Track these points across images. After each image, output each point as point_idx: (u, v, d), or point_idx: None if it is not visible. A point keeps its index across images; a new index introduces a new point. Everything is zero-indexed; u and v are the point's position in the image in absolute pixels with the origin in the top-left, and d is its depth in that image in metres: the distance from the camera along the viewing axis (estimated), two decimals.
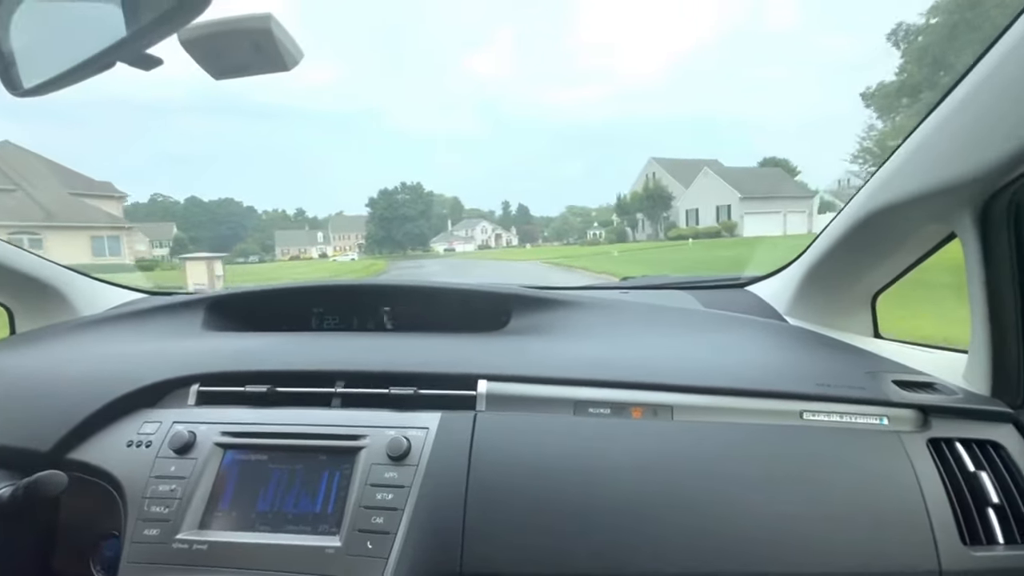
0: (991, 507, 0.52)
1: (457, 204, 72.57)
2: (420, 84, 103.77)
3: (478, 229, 62.38)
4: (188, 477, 0.61)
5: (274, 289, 0.97)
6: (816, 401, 0.62)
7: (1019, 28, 0.46)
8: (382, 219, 45.80)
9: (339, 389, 0.69)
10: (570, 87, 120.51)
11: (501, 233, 62.76)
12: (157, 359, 0.75)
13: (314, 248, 53.29)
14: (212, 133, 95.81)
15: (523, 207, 70.82)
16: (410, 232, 45.29)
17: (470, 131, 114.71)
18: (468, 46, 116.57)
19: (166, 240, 49.06)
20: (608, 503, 0.54)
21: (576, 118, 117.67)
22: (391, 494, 0.58)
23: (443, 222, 60.20)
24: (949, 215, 0.61)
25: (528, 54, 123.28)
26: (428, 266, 15.76)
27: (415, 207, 46.89)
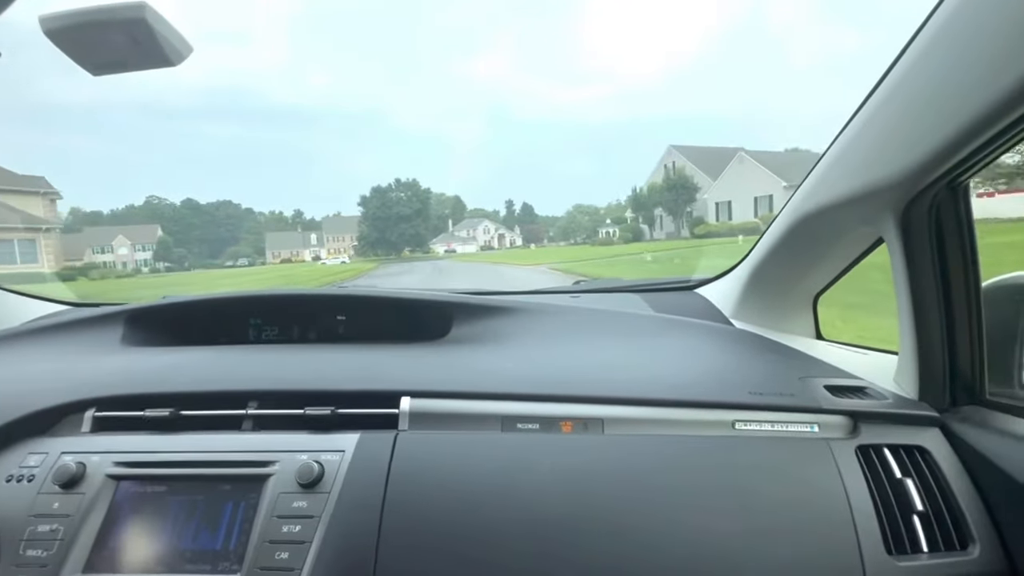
0: (916, 515, 0.54)
1: (459, 203, 72.04)
2: (424, 86, 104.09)
3: (480, 229, 62.05)
4: (73, 515, 0.57)
5: (204, 300, 0.93)
6: (748, 410, 0.63)
7: (929, 33, 0.48)
8: (375, 219, 44.79)
9: (250, 411, 0.67)
10: (575, 86, 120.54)
11: (504, 233, 62.67)
12: (54, 382, 0.71)
13: (307, 251, 53.49)
14: (217, 136, 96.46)
15: (527, 206, 70.03)
16: (406, 233, 44.23)
17: (474, 131, 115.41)
18: (472, 47, 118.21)
19: (150, 244, 47.72)
20: (532, 525, 0.54)
21: (581, 117, 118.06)
22: (298, 526, 0.56)
23: (444, 222, 60.17)
24: (875, 219, 0.62)
25: (532, 55, 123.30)
26: (416, 270, 15.59)
27: (411, 205, 45.80)
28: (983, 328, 0.59)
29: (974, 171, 0.53)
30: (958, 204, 0.57)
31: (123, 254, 51.23)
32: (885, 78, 0.55)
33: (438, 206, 65.36)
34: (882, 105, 0.56)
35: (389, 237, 45.84)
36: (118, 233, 55.17)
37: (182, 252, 49.04)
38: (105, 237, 50.48)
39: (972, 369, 0.61)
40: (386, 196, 47.58)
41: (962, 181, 0.55)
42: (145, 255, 48.31)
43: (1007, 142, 0.48)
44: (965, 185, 0.56)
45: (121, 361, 0.78)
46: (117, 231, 54.37)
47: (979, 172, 0.53)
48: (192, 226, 50.57)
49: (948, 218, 0.58)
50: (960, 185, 0.56)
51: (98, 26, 0.44)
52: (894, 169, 0.56)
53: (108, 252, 47.43)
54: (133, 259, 49.39)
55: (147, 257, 48.72)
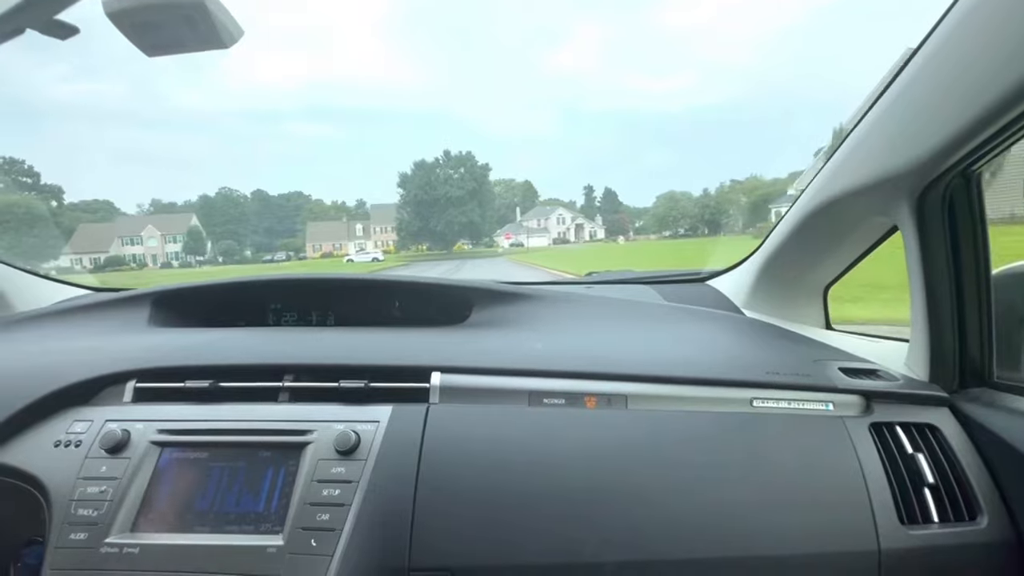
0: (927, 487, 0.60)
1: (530, 190, 65.90)
2: (500, 83, 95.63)
3: (554, 218, 53.90)
4: (120, 478, 0.63)
5: (226, 284, 1.01)
6: (765, 388, 0.70)
7: (947, 26, 0.52)
8: (418, 203, 33.08)
9: (287, 383, 0.73)
10: (657, 77, 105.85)
11: (583, 223, 54.37)
12: (92, 355, 0.78)
13: (352, 243, 48.41)
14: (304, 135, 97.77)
15: (610, 192, 62.79)
16: (456, 221, 31.59)
17: (549, 122, 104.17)
18: (549, 42, 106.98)
19: (183, 235, 44.87)
20: (558, 493, 0.60)
21: (665, 107, 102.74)
22: (338, 489, 0.61)
23: (511, 212, 53.44)
24: (889, 208, 0.69)
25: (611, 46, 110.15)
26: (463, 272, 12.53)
27: (463, 185, 33.15)
28: (992, 314, 0.65)
29: (987, 159, 0.58)
30: (971, 192, 0.62)
31: (152, 246, 47.11)
32: (901, 70, 0.59)
33: (506, 193, 59.36)
34: (898, 96, 0.61)
35: (434, 226, 33.39)
36: (148, 223, 45.55)
37: (230, 244, 46.80)
38: (136, 227, 48.15)
39: (981, 353, 0.67)
40: (432, 174, 35.01)
41: (975, 169, 0.60)
42: (176, 247, 45.09)
43: (1019, 131, 0.52)
44: (978, 173, 0.61)
45: (154, 338, 0.85)
46: (147, 220, 45.71)
47: (992, 160, 0.58)
48: (251, 216, 51.99)
49: (961, 205, 0.63)
50: (973, 173, 0.61)
51: (158, 8, 0.46)
52: (909, 157, 0.60)
53: (138, 243, 44.96)
54: (163, 251, 45.92)
55: (176, 249, 45.56)
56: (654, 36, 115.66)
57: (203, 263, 40.00)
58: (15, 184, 54.67)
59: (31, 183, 53.83)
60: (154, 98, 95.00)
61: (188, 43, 0.50)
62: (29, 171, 53.22)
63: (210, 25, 0.47)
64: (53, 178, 74.57)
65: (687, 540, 0.58)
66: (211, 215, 49.19)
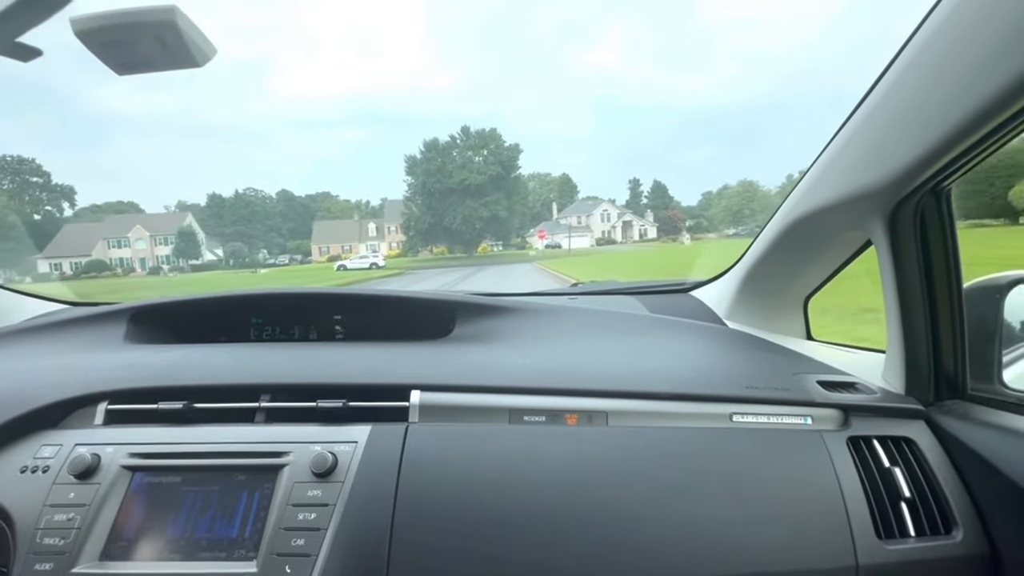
0: (904, 501, 0.63)
1: (567, 184, 58.34)
2: (537, 84, 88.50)
3: (597, 214, 45.85)
4: (89, 504, 0.63)
5: (205, 299, 1.03)
6: (745, 403, 0.73)
7: (916, 45, 0.56)
8: (429, 194, 24.69)
9: (263, 404, 0.74)
10: (697, 72, 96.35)
11: (632, 220, 46.77)
12: (62, 375, 0.79)
13: (363, 244, 43.44)
14: (346, 140, 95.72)
15: (659, 185, 54.39)
16: (476, 215, 22.68)
17: (587, 123, 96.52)
18: (584, 39, 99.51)
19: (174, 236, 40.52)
20: (539, 513, 0.62)
21: (707, 102, 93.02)
22: (314, 513, 0.61)
23: (547, 209, 47.60)
24: (863, 222, 0.73)
25: (648, 43, 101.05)
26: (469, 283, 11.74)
27: (485, 170, 25.13)
28: (965, 327, 0.70)
29: (956, 177, 0.62)
30: (941, 208, 0.67)
31: (141, 249, 42.13)
32: (874, 87, 0.63)
33: (540, 189, 52.87)
34: (870, 113, 0.65)
35: (450, 223, 25.10)
36: (136, 223, 38.47)
37: (238, 246, 42.62)
38: (124, 227, 43.26)
39: (955, 365, 0.71)
40: (446, 156, 26.46)
41: (945, 186, 0.65)
42: (166, 250, 40.68)
43: (986, 149, 0.56)
44: (948, 190, 0.66)
45: (129, 356, 0.86)
46: (135, 220, 39.14)
47: (960, 177, 0.63)
48: (248, 217, 47.97)
49: (932, 221, 0.67)
50: (943, 190, 0.66)
51: (127, 28, 0.46)
52: (881, 175, 0.64)
53: (125, 246, 40.69)
54: (152, 254, 41.30)
55: (167, 252, 40.74)
56: (697, 29, 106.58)
57: (198, 267, 37.41)
58: (24, 184, 49.30)
59: (41, 183, 48.39)
60: (204, 109, 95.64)
61: (159, 62, 0.50)
62: (38, 170, 47.70)
63: (181, 44, 0.48)
64: (99, 184, 75.90)
65: (667, 558, 0.60)
66: (220, 215, 46.81)
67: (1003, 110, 0.48)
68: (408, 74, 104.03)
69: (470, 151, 29.49)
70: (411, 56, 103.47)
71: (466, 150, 29.54)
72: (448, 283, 11.69)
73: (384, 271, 22.65)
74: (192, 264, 38.98)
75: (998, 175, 5.93)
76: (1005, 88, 0.47)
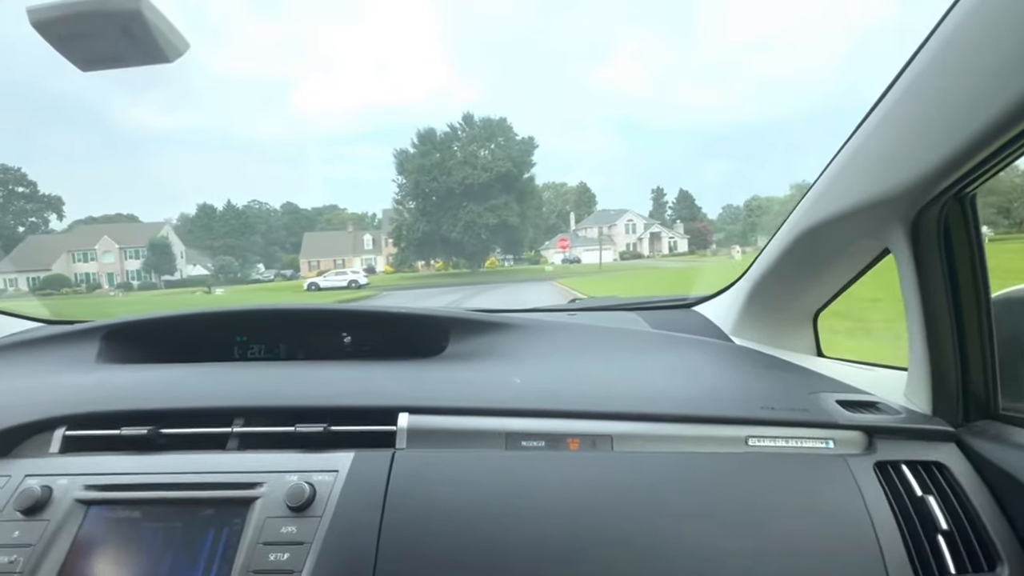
0: (940, 534, 0.59)
1: (585, 193, 52.40)
2: (554, 96, 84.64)
3: (621, 224, 40.37)
4: (35, 544, 0.58)
5: (184, 315, 0.99)
6: (761, 425, 0.70)
7: (934, 46, 0.55)
8: (423, 196, 18.02)
9: (236, 428, 0.71)
10: (710, 88, 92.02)
11: (660, 231, 40.89)
12: (17, 399, 0.76)
13: (358, 258, 38.96)
14: (362, 156, 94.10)
15: (686, 195, 49.50)
16: (481, 222, 16.09)
17: (604, 136, 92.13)
18: (600, 57, 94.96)
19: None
20: (538, 547, 0.58)
21: (722, 117, 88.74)
22: (287, 553, 0.56)
23: (564, 220, 42.18)
24: (881, 230, 0.71)
25: (661, 59, 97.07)
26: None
27: (492, 167, 18.15)
28: (995, 341, 0.67)
29: (982, 181, 0.60)
30: (966, 214, 0.64)
31: (109, 262, 37.42)
32: (889, 89, 0.62)
33: (555, 200, 47.01)
34: (887, 116, 0.63)
35: (448, 231, 17.89)
36: (104, 233, 32.30)
37: (228, 260, 38.99)
38: (91, 239, 38.67)
39: (985, 383, 0.67)
40: (445, 150, 19.83)
41: (970, 191, 0.63)
42: (137, 264, 35.98)
43: (1013, 153, 0.54)
44: (973, 195, 0.64)
45: (96, 377, 0.83)
46: (104, 230, 33.01)
47: (986, 182, 0.61)
48: (239, 229, 44.65)
49: (957, 228, 0.64)
50: (968, 195, 0.63)
51: (89, 18, 0.43)
52: (903, 179, 0.61)
53: (92, 259, 36.26)
54: (122, 268, 36.49)
55: (138, 267, 36.14)
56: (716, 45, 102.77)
57: (173, 283, 34.07)
58: (9, 195, 45.06)
59: (28, 192, 43.60)
60: (214, 125, 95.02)
61: (126, 57, 0.47)
62: (23, 179, 43.03)
63: (150, 37, 0.45)
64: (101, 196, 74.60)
65: None
66: (211, 227, 44.25)
67: None
68: (424, 90, 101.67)
69: (474, 144, 24.67)
70: (427, 72, 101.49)
71: (469, 143, 24.95)
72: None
73: (362, 291, 20.12)
74: (166, 280, 34.75)
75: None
76: None
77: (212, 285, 31.27)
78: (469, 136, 25.88)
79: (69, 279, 34.76)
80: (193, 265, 39.21)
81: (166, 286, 34.47)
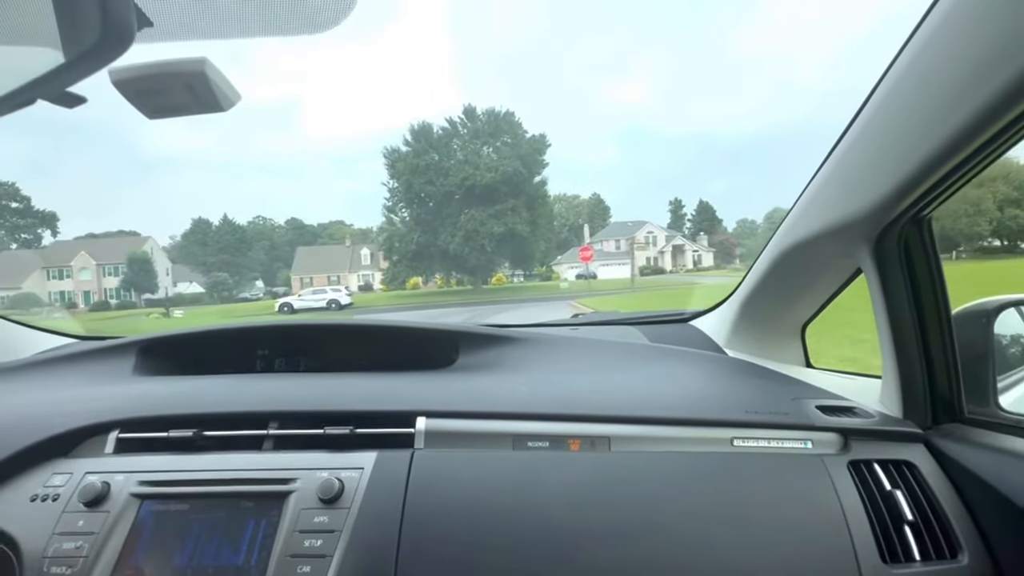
0: (907, 525, 0.67)
1: (599, 205, 49.38)
2: (566, 111, 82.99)
3: (640, 236, 36.17)
4: (98, 532, 0.66)
5: (212, 331, 1.08)
6: (745, 428, 0.78)
7: (889, 81, 0.62)
8: (417, 201, 13.80)
9: (271, 431, 0.78)
10: (717, 101, 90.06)
11: (683, 244, 37.30)
12: (73, 406, 0.83)
13: (355, 274, 35.49)
14: (373, 171, 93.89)
15: (706, 206, 46.37)
16: (483, 230, 11.64)
17: (614, 149, 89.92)
18: (612, 74, 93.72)
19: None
20: (543, 537, 0.66)
21: (727, 131, 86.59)
22: (320, 540, 0.64)
23: (576, 234, 38.32)
24: (851, 250, 0.79)
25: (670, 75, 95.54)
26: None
27: (498, 165, 13.12)
28: (957, 351, 0.75)
29: (934, 206, 0.69)
30: (923, 235, 0.73)
31: (85, 280, 34.19)
32: (856, 117, 0.69)
33: (567, 213, 43.72)
34: (853, 144, 0.71)
35: (446, 242, 13.06)
36: (81, 248, 28.29)
37: (222, 277, 36.12)
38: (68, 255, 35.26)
39: (950, 389, 0.76)
40: (443, 149, 15.45)
41: (925, 214, 0.71)
42: (115, 281, 32.94)
43: (961, 177, 0.61)
44: (928, 218, 0.72)
45: (139, 387, 0.92)
46: (81, 246, 29.01)
47: (939, 206, 0.69)
48: (235, 245, 42.07)
49: (916, 248, 0.73)
50: (924, 219, 0.72)
51: (161, 77, 0.49)
52: (864, 204, 0.69)
53: (68, 276, 33.05)
54: (99, 287, 33.37)
55: (115, 285, 33.55)
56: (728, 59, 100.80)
57: (153, 303, 30.59)
58: (0, 210, 41.97)
59: (21, 208, 40.56)
60: (248, 149, 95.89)
61: (188, 107, 0.52)
62: (16, 194, 40.13)
63: (209, 91, 0.50)
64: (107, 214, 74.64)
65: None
66: (205, 243, 41.76)
67: (970, 142, 0.53)
68: (435, 110, 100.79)
69: (477, 141, 21.07)
70: (438, 92, 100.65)
71: (472, 139, 21.36)
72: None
73: (340, 313, 18.25)
74: (147, 299, 31.66)
75: None
76: (971, 122, 0.50)
77: (188, 304, 30.02)
78: (471, 132, 22.40)
79: (40, 299, 32.10)
80: (189, 283, 38.25)
81: (147, 305, 31.72)
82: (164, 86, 0.50)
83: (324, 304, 19.80)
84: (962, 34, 0.50)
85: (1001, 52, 0.46)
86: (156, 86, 0.50)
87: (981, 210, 9.73)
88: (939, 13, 0.52)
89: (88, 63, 0.40)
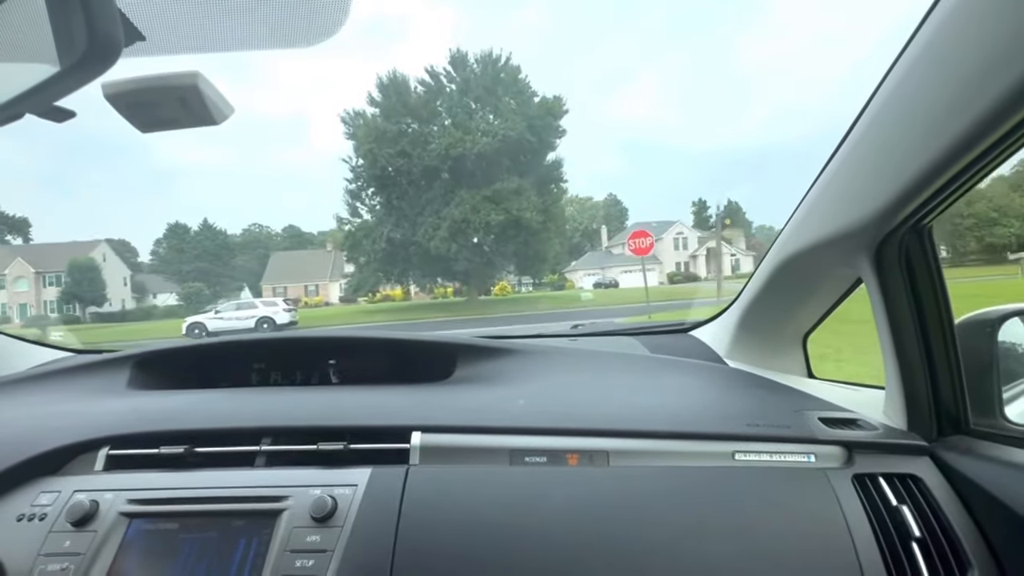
0: (915, 541, 0.66)
1: (615, 206, 43.54)
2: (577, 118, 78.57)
3: (668, 239, 31.08)
4: (84, 553, 0.65)
5: (207, 344, 1.10)
6: (747, 441, 0.78)
7: (885, 90, 0.63)
8: (385, 179, 6.56)
9: (263, 447, 0.79)
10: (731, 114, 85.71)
11: (720, 247, 30.18)
12: (63, 421, 0.84)
13: (336, 283, 31.61)
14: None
15: (734, 207, 41.42)
16: (476, 220, 3.84)
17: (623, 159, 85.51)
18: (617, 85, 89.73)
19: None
20: (541, 555, 0.66)
21: (738, 143, 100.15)
22: (312, 560, 0.63)
23: (592, 238, 34.40)
24: (852, 260, 0.80)
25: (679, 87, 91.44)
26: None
27: (497, 130, 5.46)
28: (960, 361, 0.76)
29: (935, 214, 0.70)
30: (924, 244, 0.74)
31: (21, 291, 28.78)
32: (854, 126, 0.70)
33: (580, 215, 37.37)
34: (851, 152, 0.72)
35: (426, 238, 5.67)
36: (17, 255, 33.44)
37: (197, 287, 31.98)
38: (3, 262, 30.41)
39: (955, 400, 0.76)
40: (427, 107, 7.74)
41: (925, 223, 0.72)
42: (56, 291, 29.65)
43: (959, 187, 0.62)
44: (929, 227, 0.73)
45: (132, 402, 0.92)
46: (17, 252, 21.13)
47: (939, 215, 0.71)
48: (214, 252, 37.62)
49: (917, 258, 0.74)
50: (924, 228, 0.73)
51: (153, 91, 0.49)
52: (864, 213, 0.70)
53: (2, 287, 28.63)
54: (38, 299, 28.54)
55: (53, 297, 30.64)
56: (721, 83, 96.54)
57: (104, 317, 26.36)
58: None
59: None
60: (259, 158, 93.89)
61: (181, 121, 0.53)
62: None
63: (202, 104, 0.50)
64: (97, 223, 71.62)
65: None
66: (182, 249, 37.53)
67: (970, 150, 0.53)
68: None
69: (469, 98, 15.45)
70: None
71: (462, 96, 15.54)
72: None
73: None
74: (94, 312, 26.48)
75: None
76: (971, 130, 0.51)
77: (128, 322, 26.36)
78: (461, 88, 16.01)
79: None
80: (170, 294, 33.71)
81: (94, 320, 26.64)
82: (156, 100, 0.49)
83: (252, 324, 14.84)
84: (960, 41, 0.50)
85: (1000, 60, 0.46)
86: (148, 100, 0.49)
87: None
88: (936, 20, 0.52)
89: (75, 77, 0.39)
